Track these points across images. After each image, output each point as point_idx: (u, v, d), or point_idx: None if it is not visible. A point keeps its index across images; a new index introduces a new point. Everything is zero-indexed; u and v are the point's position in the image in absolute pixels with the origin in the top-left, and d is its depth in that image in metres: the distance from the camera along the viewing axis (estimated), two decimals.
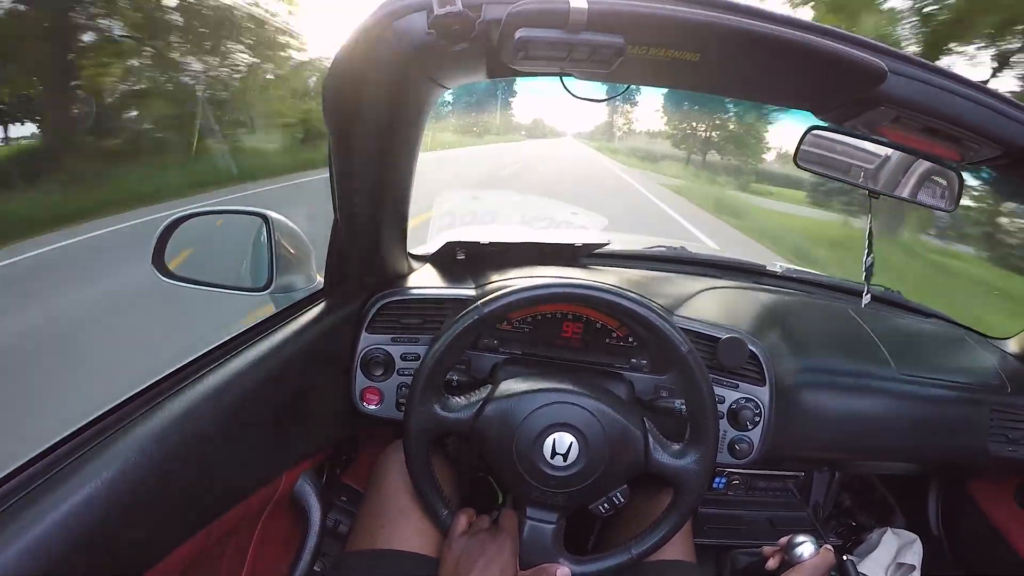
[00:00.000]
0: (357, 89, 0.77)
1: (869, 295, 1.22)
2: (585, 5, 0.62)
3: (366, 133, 0.84)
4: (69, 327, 3.95)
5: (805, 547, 0.91)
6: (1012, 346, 1.38)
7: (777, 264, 1.56)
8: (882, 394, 1.18)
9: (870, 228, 1.16)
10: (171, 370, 0.83)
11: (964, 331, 1.46)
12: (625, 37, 0.65)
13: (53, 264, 5.46)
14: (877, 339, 1.28)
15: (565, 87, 0.78)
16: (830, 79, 0.76)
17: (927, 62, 0.76)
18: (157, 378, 0.81)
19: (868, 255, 1.17)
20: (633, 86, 0.89)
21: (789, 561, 0.91)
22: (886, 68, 0.71)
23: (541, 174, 13.46)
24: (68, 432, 0.70)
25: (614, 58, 0.67)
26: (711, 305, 1.24)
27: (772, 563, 0.95)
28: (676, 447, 0.92)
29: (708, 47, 0.70)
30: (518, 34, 0.63)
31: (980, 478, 1.41)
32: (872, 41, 0.73)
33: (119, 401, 0.76)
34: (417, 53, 0.71)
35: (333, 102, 0.79)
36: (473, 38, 0.69)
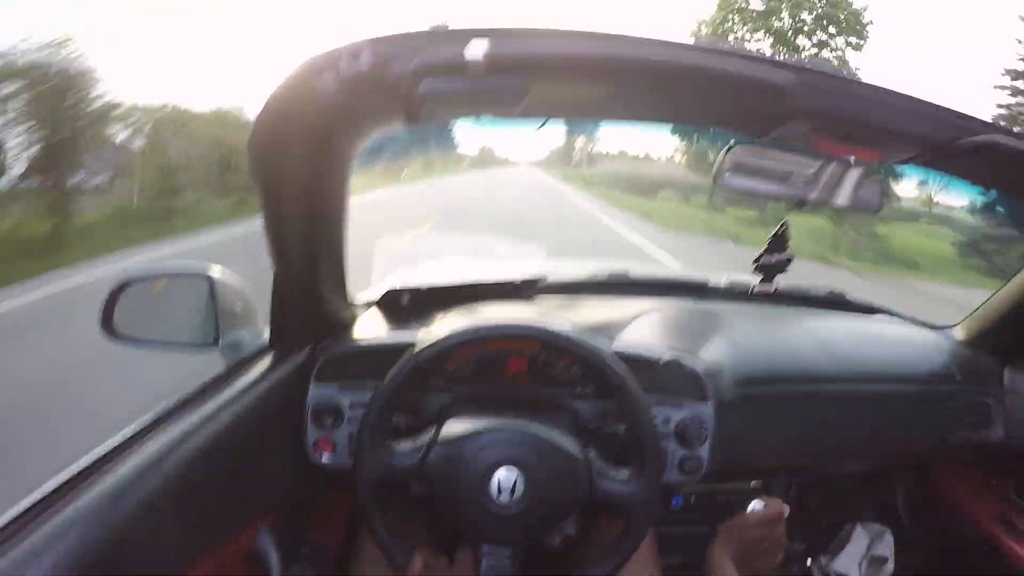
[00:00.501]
0: (279, 148, 0.79)
1: (757, 287, 1.34)
2: (483, 51, 0.64)
3: (293, 188, 0.86)
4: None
5: (755, 503, 1.03)
6: (958, 333, 1.41)
7: (722, 277, 1.58)
8: (828, 398, 1.20)
9: (778, 232, 1.20)
10: (124, 432, 0.82)
11: (910, 323, 1.50)
12: (527, 78, 0.68)
13: None
14: (821, 343, 1.31)
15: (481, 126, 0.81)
16: (736, 98, 0.79)
17: (827, 70, 0.77)
18: (111, 441, 0.81)
19: (766, 252, 1.20)
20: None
21: None
22: (785, 83, 0.72)
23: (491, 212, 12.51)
24: (21, 506, 0.69)
25: (519, 98, 0.70)
26: (652, 327, 1.26)
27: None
28: (622, 474, 0.93)
29: (609, 81, 0.73)
30: (422, 87, 0.66)
31: (943, 466, 1.43)
32: (772, 57, 0.76)
33: (72, 472, 0.75)
34: (332, 113, 0.74)
35: (257, 162, 0.81)
36: (384, 93, 0.71)
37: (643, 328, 1.25)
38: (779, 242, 1.40)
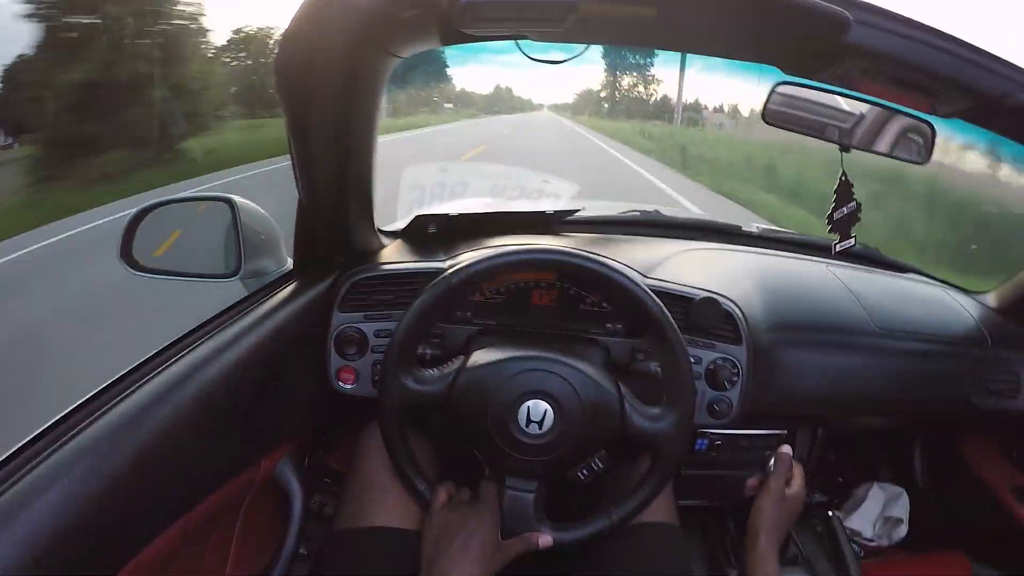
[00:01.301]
0: (309, 64, 0.75)
1: (839, 245, 1.23)
2: None
3: (322, 109, 0.82)
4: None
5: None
6: (991, 300, 1.38)
7: (753, 225, 1.56)
8: (860, 349, 1.19)
9: (840, 181, 1.16)
10: (140, 360, 0.82)
11: (942, 285, 1.47)
12: None
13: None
14: (854, 295, 1.29)
15: (521, 49, 0.77)
16: (793, 31, 0.75)
17: (893, 12, 0.74)
18: (126, 369, 0.80)
19: (836, 208, 1.16)
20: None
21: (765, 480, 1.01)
22: (851, 17, 0.69)
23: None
24: (40, 428, 0.69)
25: (565, 15, 0.66)
26: (685, 267, 1.24)
27: (751, 482, 1.03)
28: (653, 411, 0.91)
29: (664, 1, 0.69)
30: None
31: (964, 431, 1.42)
32: None
33: (89, 395, 0.75)
34: (367, 22, 0.70)
35: (285, 79, 0.78)
36: (422, 3, 0.68)
37: (676, 267, 1.23)
38: (844, 193, 1.36)
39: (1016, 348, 1.25)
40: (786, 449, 1.02)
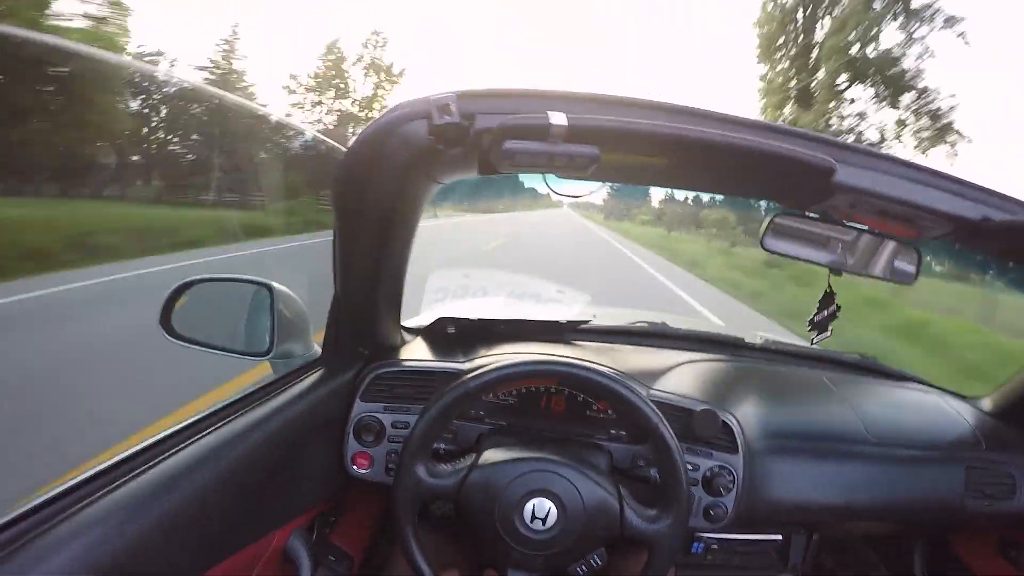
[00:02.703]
0: (363, 182, 0.86)
1: (816, 339, 1.29)
2: (564, 121, 0.71)
3: (368, 221, 0.93)
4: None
5: None
6: (986, 404, 1.42)
7: (757, 335, 1.63)
8: (854, 458, 1.22)
9: (824, 293, 1.24)
10: (177, 427, 0.88)
11: (939, 392, 1.51)
12: (599, 147, 0.74)
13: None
14: (851, 405, 1.33)
15: (548, 185, 0.87)
16: (786, 174, 0.84)
17: (873, 150, 0.83)
18: (163, 434, 0.86)
19: (817, 313, 1.24)
20: None
21: None
22: (834, 162, 0.78)
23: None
24: (74, 481, 0.74)
25: (590, 165, 0.76)
26: (688, 378, 1.30)
27: None
28: (650, 512, 0.97)
29: (673, 153, 0.80)
30: (505, 145, 0.72)
31: (961, 533, 1.43)
32: (822, 136, 0.81)
33: (127, 454, 0.80)
34: (417, 154, 0.80)
35: (341, 192, 0.89)
36: (467, 144, 0.78)
37: (679, 378, 1.29)
38: (827, 300, 1.44)
39: (1009, 450, 1.27)
40: None
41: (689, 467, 1.11)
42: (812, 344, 1.43)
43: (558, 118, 0.71)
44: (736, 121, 0.78)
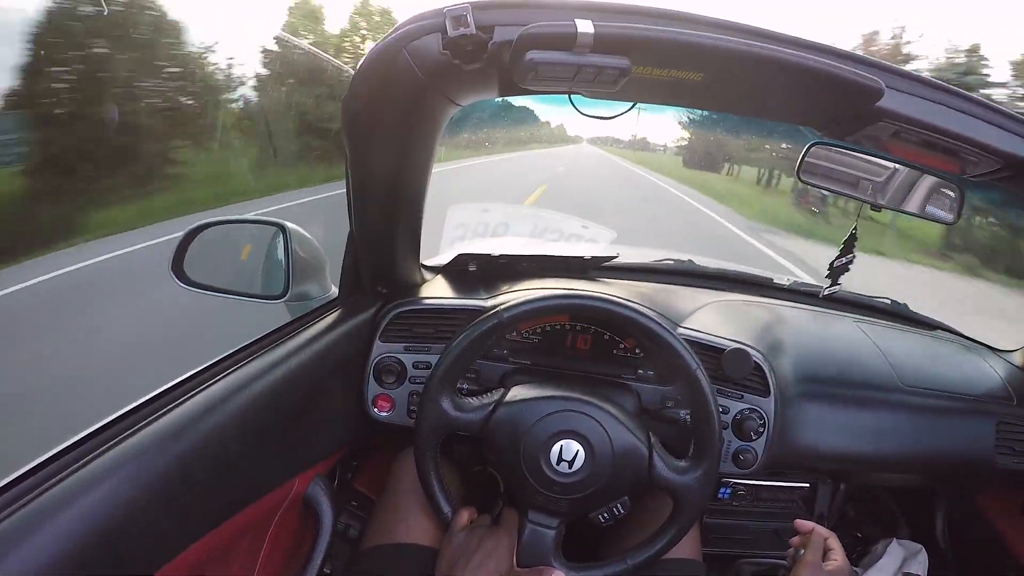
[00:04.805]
0: (374, 107, 0.81)
1: (827, 289, 1.29)
2: (592, 29, 0.65)
3: (382, 149, 0.88)
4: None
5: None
6: (1018, 358, 1.38)
7: (785, 278, 1.58)
8: (885, 405, 1.19)
9: (852, 233, 1.19)
10: (190, 372, 0.86)
11: (970, 343, 1.47)
12: (630, 59, 0.68)
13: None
14: (882, 351, 1.29)
15: (573, 104, 0.81)
16: (829, 96, 0.78)
17: (925, 77, 0.77)
18: (177, 379, 0.84)
19: (839, 257, 1.19)
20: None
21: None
22: (883, 85, 0.73)
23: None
24: (91, 429, 0.72)
25: (619, 79, 0.70)
26: (717, 317, 1.26)
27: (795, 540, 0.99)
28: (679, 463, 0.94)
29: (710, 68, 0.73)
30: (527, 56, 0.66)
31: (987, 490, 1.41)
32: (870, 58, 0.75)
33: (140, 401, 0.79)
34: (431, 73, 0.75)
35: (351, 119, 0.83)
36: (485, 59, 0.72)
37: (708, 317, 1.25)
38: (849, 245, 1.39)
39: None
40: (806, 526, 0.98)
41: (720, 409, 1.07)
42: (822, 292, 1.39)
43: (585, 26, 0.65)
44: (780, 37, 0.72)
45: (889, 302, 1.59)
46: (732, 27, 0.72)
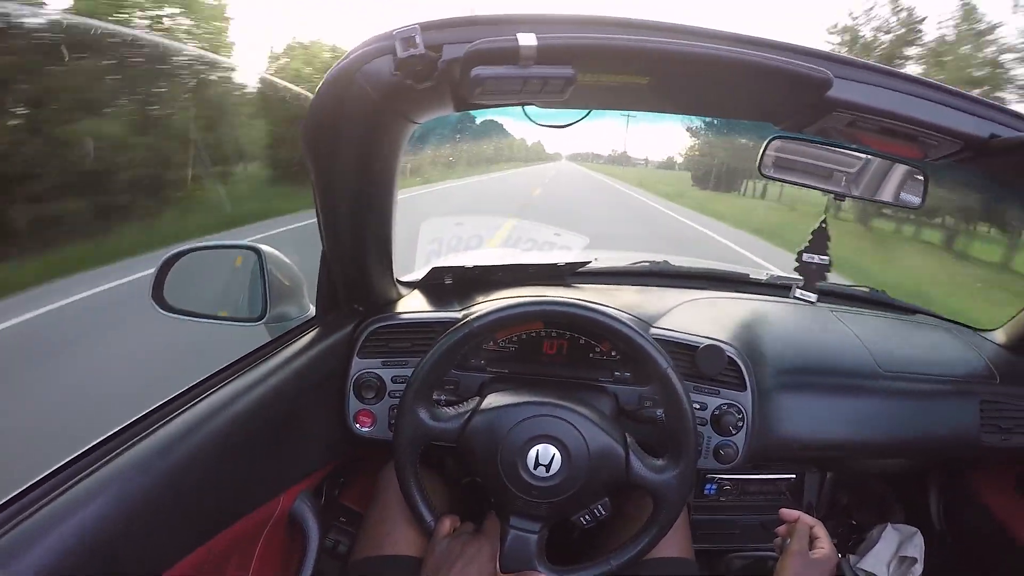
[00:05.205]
0: (333, 130, 0.83)
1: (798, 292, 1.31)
2: (534, 41, 0.66)
3: (344, 169, 0.90)
4: None
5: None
6: (999, 336, 1.39)
7: (761, 272, 1.59)
8: (865, 392, 1.20)
9: (819, 225, 1.20)
10: (173, 395, 0.87)
11: (950, 325, 1.48)
12: (574, 67, 0.69)
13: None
14: (860, 339, 1.30)
15: (527, 115, 0.83)
16: (778, 90, 0.79)
17: (873, 64, 0.78)
18: (161, 402, 0.86)
19: (808, 250, 1.20)
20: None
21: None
22: (831, 75, 0.73)
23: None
24: (80, 450, 0.74)
25: (566, 87, 0.72)
26: (692, 316, 1.27)
27: (781, 529, 0.98)
28: (657, 462, 0.94)
29: (655, 71, 0.75)
30: (474, 71, 0.68)
31: (980, 470, 1.42)
32: (816, 49, 0.76)
33: (126, 423, 0.80)
34: (386, 94, 0.77)
35: (311, 142, 0.85)
36: (436, 77, 0.74)
37: (683, 316, 1.26)
38: (820, 240, 1.40)
39: None
40: (792, 515, 0.98)
41: (696, 406, 1.09)
42: (792, 293, 1.40)
43: (527, 39, 0.67)
44: (722, 35, 0.74)
45: (868, 290, 1.60)
46: (673, 29, 0.73)
